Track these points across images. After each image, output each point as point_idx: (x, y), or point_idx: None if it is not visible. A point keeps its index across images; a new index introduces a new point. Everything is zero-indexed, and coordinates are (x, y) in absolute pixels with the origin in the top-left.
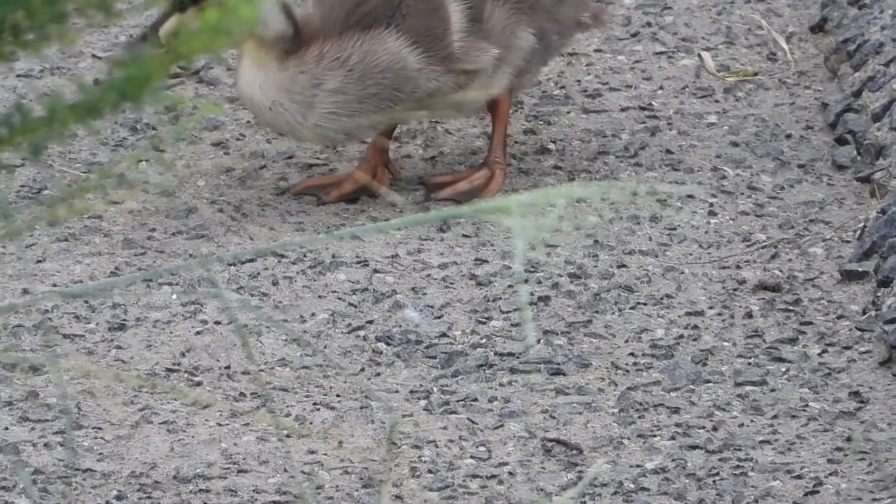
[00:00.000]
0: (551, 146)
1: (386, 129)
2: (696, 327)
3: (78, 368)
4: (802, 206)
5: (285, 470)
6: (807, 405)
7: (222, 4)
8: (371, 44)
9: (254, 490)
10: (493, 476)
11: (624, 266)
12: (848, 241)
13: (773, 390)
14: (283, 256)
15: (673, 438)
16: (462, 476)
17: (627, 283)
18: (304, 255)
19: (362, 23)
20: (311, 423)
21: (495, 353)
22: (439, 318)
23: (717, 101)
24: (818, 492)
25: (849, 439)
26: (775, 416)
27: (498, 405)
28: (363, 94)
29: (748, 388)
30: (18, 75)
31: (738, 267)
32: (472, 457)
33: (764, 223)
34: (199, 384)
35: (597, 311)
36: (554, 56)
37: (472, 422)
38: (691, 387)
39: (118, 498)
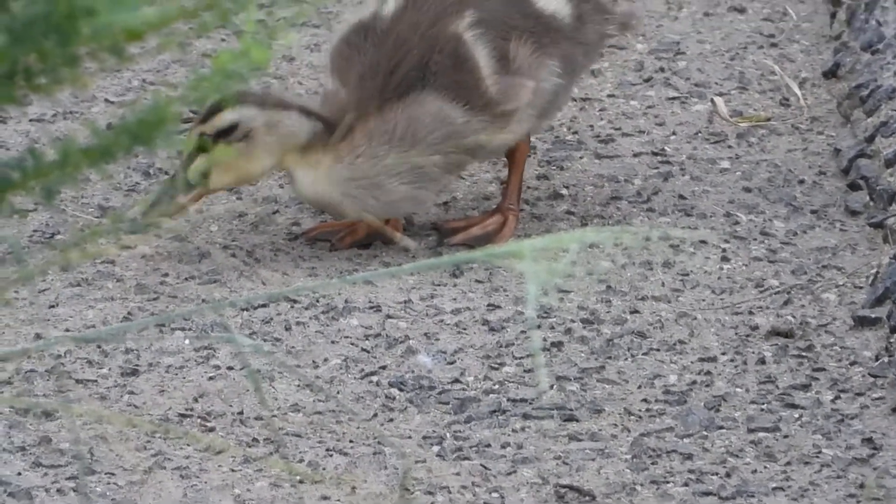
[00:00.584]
0: (564, 191)
1: None
2: (708, 373)
3: (91, 413)
4: (815, 252)
5: None
6: (820, 451)
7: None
8: (413, 109)
9: None
10: None
11: (637, 312)
12: (861, 287)
13: (786, 436)
14: (295, 301)
15: (686, 485)
16: None
17: (640, 329)
18: (317, 301)
19: (398, 91)
20: (324, 469)
21: (508, 399)
22: (452, 363)
23: (729, 147)
24: None
25: (862, 486)
26: (788, 463)
27: (511, 451)
28: (419, 159)
29: (761, 434)
30: (31, 119)
31: (750, 313)
32: (485, 503)
33: (777, 269)
34: (212, 429)
35: (609, 357)
36: (581, 74)
37: (485, 468)
38: (704, 433)
39: None
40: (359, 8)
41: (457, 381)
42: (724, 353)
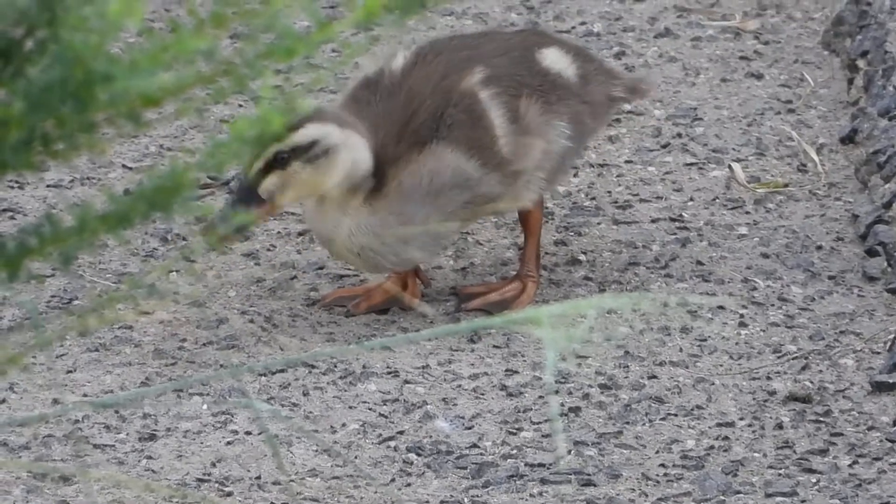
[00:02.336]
0: (582, 257)
1: None
2: (726, 438)
3: (108, 479)
4: (833, 318)
5: None
6: None
7: (252, 116)
8: (433, 164)
9: None
10: None
11: (654, 377)
12: (878, 353)
13: (803, 501)
14: (313, 367)
15: None
16: None
17: (658, 394)
18: (335, 366)
19: (414, 141)
20: None
21: (526, 464)
22: (470, 428)
23: (747, 213)
24: None
25: None
26: None
27: None
28: (443, 217)
29: (779, 499)
30: (48, 185)
31: (768, 378)
32: None
33: (794, 334)
34: (229, 494)
35: (627, 422)
36: (589, 140)
37: None
38: (722, 497)
39: None
40: (363, 69)
41: (474, 445)
42: (741, 419)
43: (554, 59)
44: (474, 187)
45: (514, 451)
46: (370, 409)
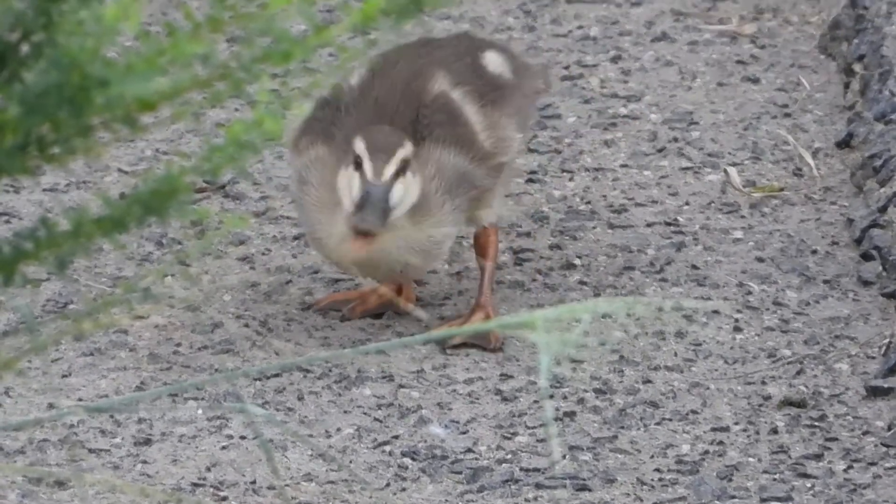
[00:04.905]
0: (577, 261)
1: None
2: (721, 443)
3: (103, 483)
4: (828, 322)
5: None
6: None
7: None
8: (437, 165)
9: None
10: None
11: (649, 382)
12: (873, 357)
13: None
14: (308, 371)
15: None
16: None
17: (653, 399)
18: (330, 370)
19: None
20: None
21: (521, 469)
22: (465, 433)
23: (742, 217)
24: None
25: None
26: None
27: None
28: (459, 217)
29: (774, 503)
30: (44, 189)
31: (763, 383)
32: None
33: (789, 339)
34: (224, 499)
35: (622, 427)
36: (526, 134)
37: None
38: (717, 502)
39: None
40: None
41: (469, 450)
42: (736, 423)
43: (495, 61)
44: (474, 180)
45: (509, 456)
46: (365, 414)
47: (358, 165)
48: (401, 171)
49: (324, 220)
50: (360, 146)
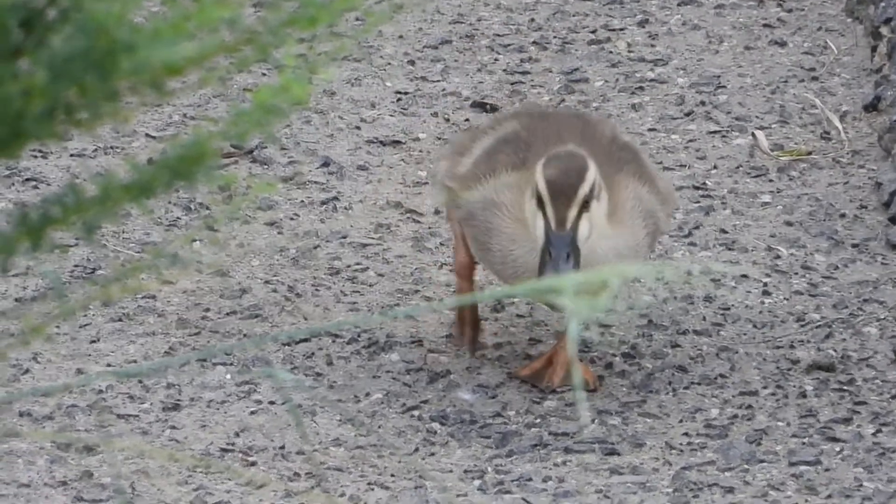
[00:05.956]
0: None
1: None
2: (749, 407)
3: (132, 448)
4: (856, 286)
5: None
6: (861, 485)
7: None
8: (629, 186)
9: None
10: None
11: (678, 346)
12: None
13: (827, 470)
14: (337, 336)
15: None
16: None
17: (681, 363)
18: (359, 336)
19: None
20: (365, 503)
21: (549, 433)
22: (494, 397)
23: (770, 181)
24: None
25: None
26: (829, 496)
27: (552, 485)
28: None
29: (802, 467)
30: (72, 154)
31: (791, 347)
32: None
33: (818, 303)
34: (253, 464)
35: (651, 391)
36: None
37: (527, 501)
38: (745, 466)
39: None
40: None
41: (498, 415)
42: (765, 387)
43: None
44: (658, 221)
45: (538, 421)
46: (394, 379)
47: (540, 202)
48: (584, 208)
49: (519, 238)
50: (541, 183)
